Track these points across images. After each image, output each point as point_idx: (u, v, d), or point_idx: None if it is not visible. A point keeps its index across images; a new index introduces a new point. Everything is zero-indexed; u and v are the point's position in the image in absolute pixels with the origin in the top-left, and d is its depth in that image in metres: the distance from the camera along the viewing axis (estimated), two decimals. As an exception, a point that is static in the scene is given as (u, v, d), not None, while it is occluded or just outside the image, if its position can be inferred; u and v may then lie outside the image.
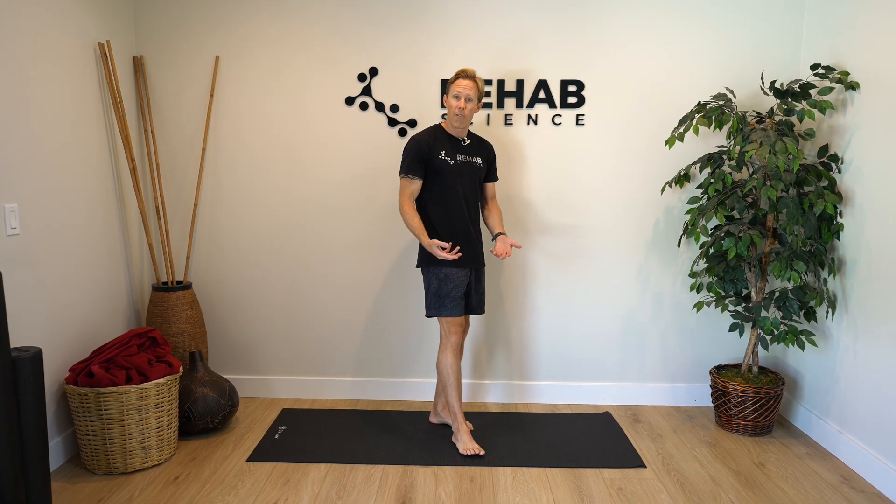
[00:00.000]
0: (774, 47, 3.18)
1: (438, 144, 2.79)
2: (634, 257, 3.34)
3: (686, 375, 3.42)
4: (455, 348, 2.84)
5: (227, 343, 3.46)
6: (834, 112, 2.92)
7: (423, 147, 2.76)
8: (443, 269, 2.79)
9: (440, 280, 2.80)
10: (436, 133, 2.83)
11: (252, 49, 3.23)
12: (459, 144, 2.84)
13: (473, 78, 2.73)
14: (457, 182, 2.79)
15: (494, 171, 3.01)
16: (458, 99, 2.73)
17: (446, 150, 2.79)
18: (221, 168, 3.32)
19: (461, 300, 2.83)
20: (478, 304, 2.96)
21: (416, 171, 2.76)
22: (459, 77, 2.74)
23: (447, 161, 2.78)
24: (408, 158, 2.77)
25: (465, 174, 2.82)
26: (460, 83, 2.73)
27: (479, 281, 2.96)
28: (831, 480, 2.62)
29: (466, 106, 2.73)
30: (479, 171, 2.89)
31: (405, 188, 2.79)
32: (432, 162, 2.77)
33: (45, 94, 2.58)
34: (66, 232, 2.71)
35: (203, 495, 2.45)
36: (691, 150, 3.26)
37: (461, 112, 2.74)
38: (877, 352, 2.61)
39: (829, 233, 2.86)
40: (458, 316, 2.82)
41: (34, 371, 2.24)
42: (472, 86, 2.72)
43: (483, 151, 2.92)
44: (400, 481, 2.57)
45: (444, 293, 2.79)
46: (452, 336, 2.83)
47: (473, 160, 2.86)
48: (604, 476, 2.63)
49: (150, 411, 2.63)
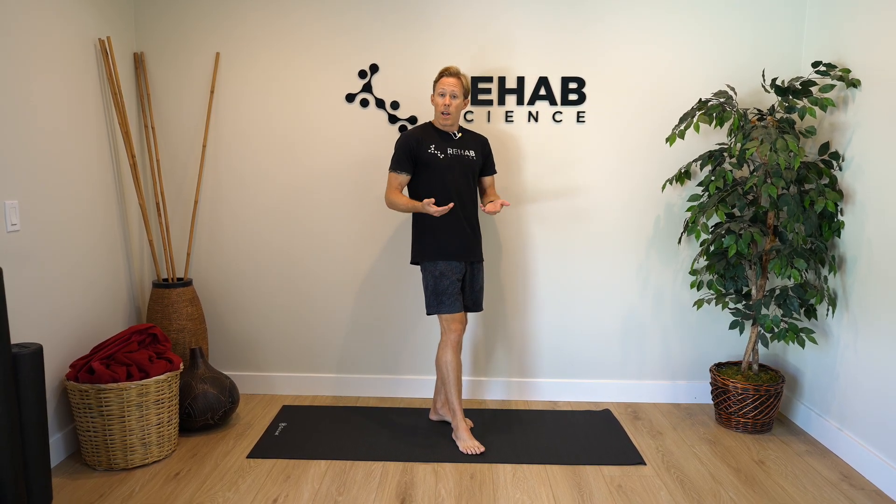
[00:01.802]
0: (776, 44, 3.17)
1: (427, 139, 2.83)
2: (635, 254, 3.34)
3: (686, 373, 3.43)
4: (455, 345, 2.84)
5: (227, 340, 3.46)
6: (835, 109, 2.91)
7: (411, 142, 2.81)
8: (437, 266, 2.81)
9: (436, 277, 2.82)
10: (425, 129, 2.87)
11: (253, 46, 3.22)
12: (450, 138, 2.87)
13: (457, 75, 2.79)
14: (448, 175, 2.82)
15: (492, 165, 3.02)
16: (443, 96, 2.78)
17: (436, 144, 2.83)
18: (222, 165, 3.32)
19: (459, 296, 2.84)
20: (473, 302, 2.96)
21: (402, 166, 2.82)
22: (443, 75, 2.79)
23: (437, 154, 2.82)
24: (395, 154, 2.83)
25: (457, 167, 2.84)
26: (444, 81, 2.78)
27: (475, 277, 2.95)
28: (831, 478, 2.62)
29: (452, 103, 2.78)
30: (473, 164, 2.90)
31: (391, 182, 2.85)
32: (421, 156, 2.81)
33: (46, 91, 2.58)
34: (67, 228, 2.72)
35: (203, 491, 2.45)
36: (692, 148, 3.25)
37: (446, 109, 2.78)
38: (877, 349, 2.61)
39: (829, 230, 2.86)
40: (457, 312, 2.82)
41: (35, 367, 2.25)
42: (456, 83, 2.78)
43: (477, 145, 2.93)
44: (400, 478, 2.58)
45: (440, 290, 2.81)
46: (452, 333, 2.83)
47: (466, 153, 2.88)
48: (604, 473, 2.63)
49: (151, 408, 2.63)
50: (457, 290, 2.83)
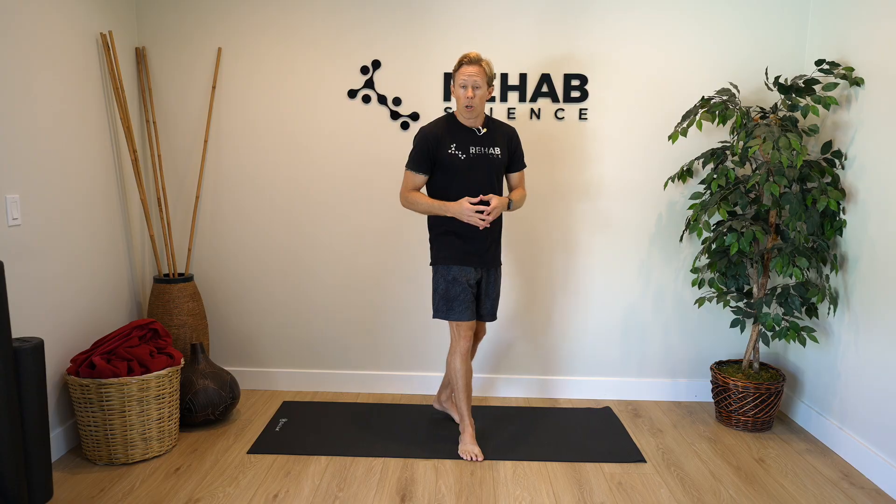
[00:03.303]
0: (779, 42, 3.16)
1: (448, 137, 2.59)
2: (636, 252, 3.34)
3: (687, 371, 3.42)
4: (464, 352, 2.70)
5: (228, 335, 3.46)
6: (838, 108, 2.91)
7: (430, 141, 2.59)
8: (451, 270, 2.64)
9: (448, 282, 2.64)
10: (446, 124, 2.63)
11: (254, 41, 3.22)
12: (473, 135, 2.63)
13: (478, 62, 2.52)
14: (469, 177, 2.59)
15: (519, 159, 2.76)
16: (465, 88, 2.53)
17: (457, 143, 2.59)
18: (223, 160, 3.31)
19: (471, 304, 2.67)
20: (489, 310, 2.78)
21: (419, 167, 2.61)
22: (463, 64, 2.53)
23: (457, 155, 2.59)
24: (413, 152, 2.63)
25: (480, 168, 2.61)
26: (464, 70, 2.51)
27: (492, 284, 2.76)
28: (831, 476, 2.62)
29: (475, 94, 2.53)
30: (498, 162, 2.65)
31: (407, 181, 2.66)
32: (440, 157, 2.59)
33: (47, 86, 2.58)
34: (68, 223, 2.71)
35: (204, 486, 2.46)
36: (694, 146, 3.25)
37: (470, 102, 2.54)
38: (878, 348, 2.61)
39: (831, 229, 2.86)
40: (467, 320, 2.66)
41: (35, 362, 2.25)
42: (479, 71, 2.51)
43: (503, 139, 2.68)
44: (400, 474, 2.58)
45: (451, 296, 2.64)
46: (462, 340, 2.69)
47: (491, 151, 2.63)
48: (604, 470, 2.63)
49: (151, 402, 2.63)
50: (469, 298, 2.65)
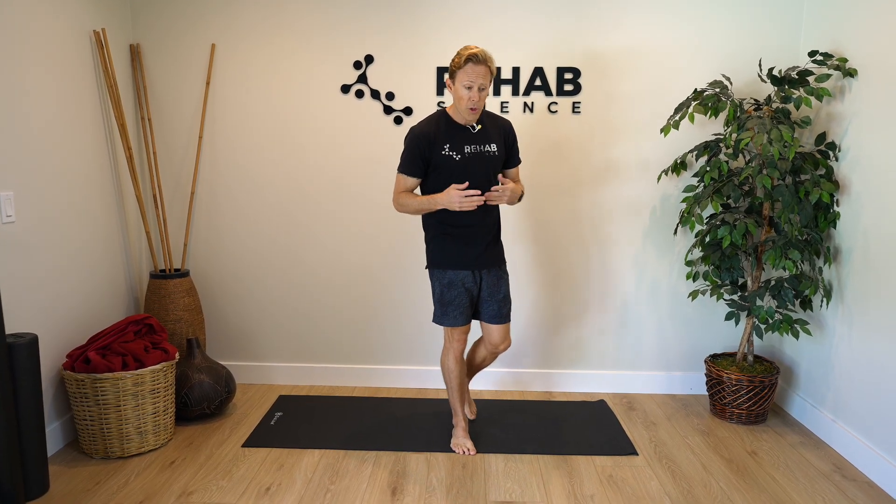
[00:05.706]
0: (773, 33, 3.14)
1: (441, 137, 2.47)
2: (630, 245, 3.33)
3: (681, 364, 3.43)
4: (457, 354, 2.69)
5: (224, 330, 3.48)
6: (832, 99, 2.89)
7: (422, 143, 2.45)
8: (446, 274, 2.58)
9: (443, 285, 2.59)
10: (438, 123, 2.49)
11: (248, 37, 3.22)
12: (468, 133, 2.50)
13: (486, 62, 2.35)
14: (465, 178, 2.47)
15: (515, 154, 2.65)
16: (470, 90, 2.36)
17: (451, 143, 2.47)
18: (218, 156, 3.33)
19: (466, 309, 2.61)
20: (496, 312, 2.64)
21: (412, 170, 2.50)
22: (470, 61, 2.33)
23: (452, 156, 2.47)
24: (405, 154, 2.50)
25: (476, 167, 2.49)
26: (473, 70, 2.33)
27: (496, 284, 2.63)
28: (823, 469, 2.62)
29: (480, 96, 2.38)
30: (495, 160, 2.54)
31: (399, 185, 2.54)
32: (434, 158, 2.47)
33: (41, 83, 2.59)
34: (63, 220, 2.74)
35: (198, 479, 2.48)
36: (688, 138, 3.23)
37: (475, 105, 2.38)
38: (871, 341, 2.60)
39: (825, 221, 2.85)
40: (461, 325, 2.62)
41: (30, 356, 2.28)
42: (486, 72, 2.35)
43: (499, 135, 2.57)
44: (392, 467, 2.60)
45: (446, 301, 2.59)
46: (455, 343, 2.66)
47: (486, 149, 2.52)
48: (595, 463, 2.65)
49: (147, 397, 2.66)
50: (464, 302, 2.59)
